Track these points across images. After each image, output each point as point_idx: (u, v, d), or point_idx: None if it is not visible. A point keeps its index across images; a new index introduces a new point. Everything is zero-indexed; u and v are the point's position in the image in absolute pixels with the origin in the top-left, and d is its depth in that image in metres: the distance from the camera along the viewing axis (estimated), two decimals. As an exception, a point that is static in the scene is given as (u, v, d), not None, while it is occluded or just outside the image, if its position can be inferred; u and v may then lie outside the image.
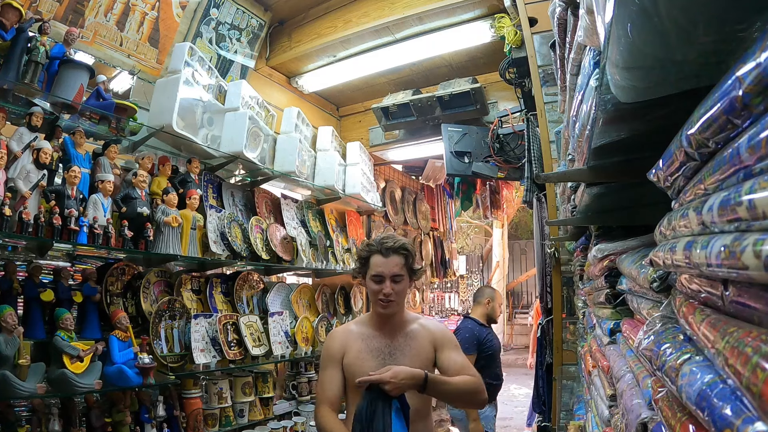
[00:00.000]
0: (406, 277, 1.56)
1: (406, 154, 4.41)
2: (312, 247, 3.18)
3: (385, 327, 1.58)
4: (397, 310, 1.57)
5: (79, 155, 2.03)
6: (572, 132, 1.27)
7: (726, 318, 0.46)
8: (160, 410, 2.12)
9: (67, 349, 1.79)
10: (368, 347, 1.55)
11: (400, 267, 1.53)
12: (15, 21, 1.89)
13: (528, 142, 2.85)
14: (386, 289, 1.51)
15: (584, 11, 0.90)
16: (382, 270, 1.52)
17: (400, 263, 1.54)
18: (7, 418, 1.71)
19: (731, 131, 0.43)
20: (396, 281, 1.53)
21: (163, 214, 2.23)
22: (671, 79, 0.61)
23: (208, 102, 2.59)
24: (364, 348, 1.55)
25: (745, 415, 0.36)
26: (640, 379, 0.84)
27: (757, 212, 0.35)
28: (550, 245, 2.76)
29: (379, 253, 1.54)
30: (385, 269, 1.52)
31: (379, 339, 1.56)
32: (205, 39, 2.99)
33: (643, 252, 1.02)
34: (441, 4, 2.94)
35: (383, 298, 1.52)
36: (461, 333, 2.98)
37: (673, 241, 0.60)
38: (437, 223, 5.96)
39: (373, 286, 1.55)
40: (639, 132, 0.87)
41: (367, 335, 1.58)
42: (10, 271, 1.85)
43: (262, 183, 3.11)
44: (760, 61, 0.35)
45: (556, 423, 2.62)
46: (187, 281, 2.55)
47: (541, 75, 2.69)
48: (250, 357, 2.56)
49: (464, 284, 10.08)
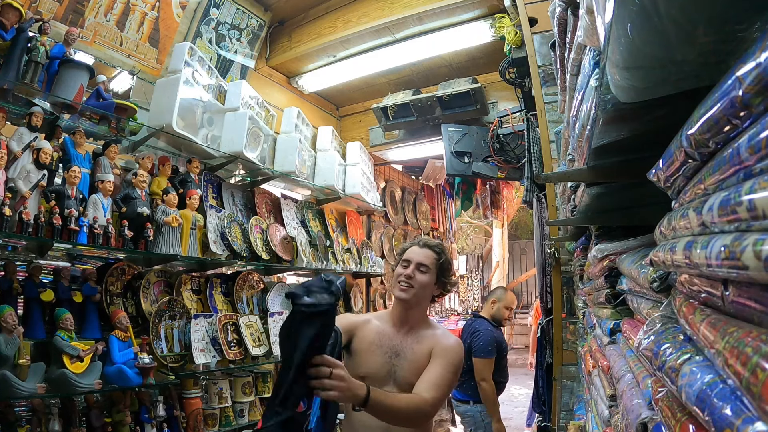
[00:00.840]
0: (434, 273, 1.57)
1: (406, 154, 4.41)
2: (312, 247, 3.18)
3: (401, 326, 1.57)
4: (414, 303, 1.55)
5: (79, 155, 2.03)
6: (572, 132, 1.27)
7: (726, 318, 0.46)
8: (160, 410, 2.12)
9: (67, 349, 1.79)
10: (380, 341, 1.54)
11: (430, 260, 1.56)
12: (15, 21, 1.89)
13: (528, 142, 2.85)
14: (408, 270, 1.53)
15: (584, 11, 0.90)
16: (411, 255, 1.57)
17: (432, 257, 1.57)
18: (7, 418, 1.71)
19: (731, 131, 0.43)
20: (421, 271, 1.55)
21: (163, 214, 2.23)
22: (671, 79, 0.61)
23: (208, 102, 2.59)
24: (375, 341, 1.54)
25: (745, 415, 0.36)
26: (640, 379, 0.84)
27: (757, 212, 0.35)
28: (550, 245, 2.76)
29: (416, 245, 1.61)
30: (414, 255, 1.57)
31: (392, 337, 1.55)
32: (205, 39, 2.99)
33: (643, 252, 1.02)
34: (441, 4, 2.94)
35: (403, 279, 1.53)
36: (482, 336, 2.88)
37: (673, 241, 0.60)
38: (437, 223, 5.96)
39: (399, 270, 1.57)
40: (639, 132, 0.87)
41: (382, 330, 1.56)
42: (10, 271, 1.86)
43: (262, 183, 3.11)
44: (760, 61, 0.35)
45: (556, 423, 2.62)
46: (187, 281, 2.55)
47: (541, 75, 2.69)
48: (250, 357, 2.56)
49: (464, 284, 10.08)
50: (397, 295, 1.55)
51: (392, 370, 1.49)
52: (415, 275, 1.54)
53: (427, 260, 1.56)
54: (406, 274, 1.54)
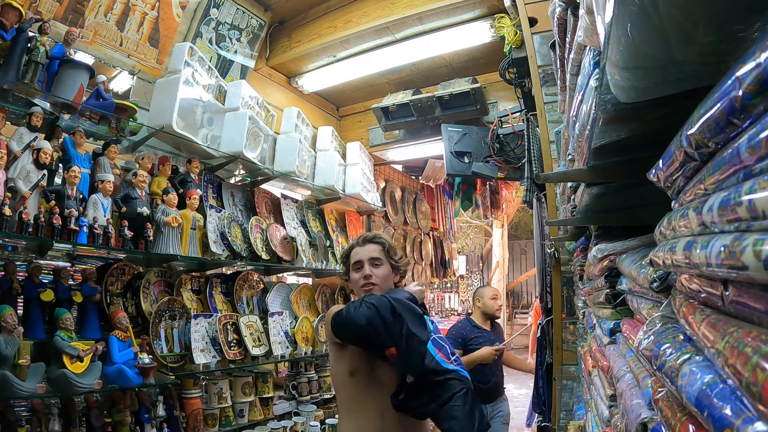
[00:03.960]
0: (386, 263, 1.58)
1: (406, 154, 4.41)
2: (312, 247, 3.18)
3: None
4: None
5: (79, 155, 2.03)
6: (572, 132, 1.27)
7: (726, 318, 0.46)
8: (160, 410, 2.12)
9: (67, 349, 1.79)
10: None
11: (378, 252, 1.58)
12: (15, 21, 1.89)
13: (528, 142, 2.85)
14: (366, 271, 1.54)
15: (584, 11, 0.90)
16: (359, 256, 1.57)
17: (378, 249, 1.59)
18: (7, 418, 1.71)
19: (731, 131, 0.43)
20: (375, 265, 1.56)
21: (163, 214, 2.23)
22: (671, 79, 0.61)
23: (208, 102, 2.59)
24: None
25: (745, 415, 0.36)
26: (640, 379, 0.84)
27: (757, 212, 0.35)
28: (550, 245, 2.76)
29: (356, 245, 1.62)
30: (362, 254, 1.58)
31: None
32: (205, 39, 2.99)
33: (643, 252, 1.02)
34: (441, 4, 2.94)
35: (364, 282, 1.54)
36: (451, 330, 3.13)
37: (673, 241, 0.60)
38: (437, 223, 5.96)
39: (355, 276, 1.57)
40: (639, 132, 0.87)
41: None
42: (10, 271, 1.86)
43: (262, 183, 3.11)
44: (760, 61, 0.35)
45: (556, 423, 2.62)
46: (187, 281, 2.55)
47: (541, 75, 2.69)
48: (250, 357, 2.57)
49: (464, 284, 10.09)
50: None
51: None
52: (372, 272, 1.55)
53: (376, 252, 1.58)
54: (365, 275, 1.55)
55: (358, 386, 1.46)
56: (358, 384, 1.46)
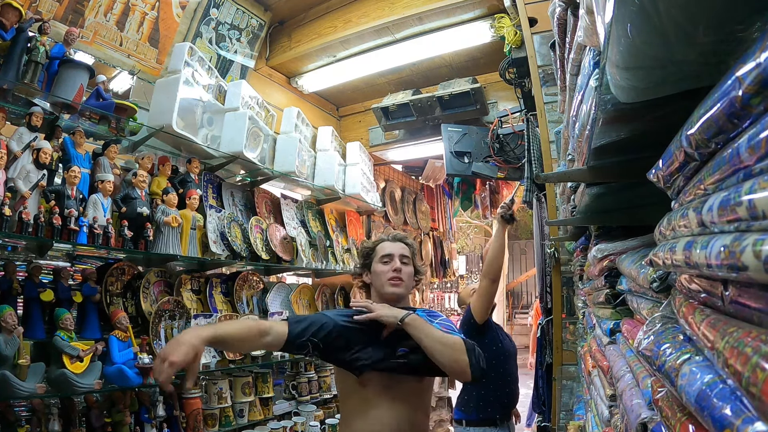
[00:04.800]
0: (412, 264, 1.58)
1: (406, 154, 4.41)
2: (312, 247, 3.18)
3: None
4: (404, 295, 1.55)
5: (79, 155, 2.03)
6: (572, 132, 1.27)
7: (726, 318, 0.46)
8: (160, 410, 2.12)
9: (67, 349, 1.79)
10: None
11: (408, 251, 1.58)
12: (15, 21, 1.89)
13: (528, 142, 2.85)
14: (396, 264, 1.53)
15: (584, 11, 0.90)
16: (391, 250, 1.56)
17: (408, 249, 1.59)
18: (7, 418, 1.71)
19: (731, 131, 0.43)
20: (404, 263, 1.55)
21: (163, 214, 2.23)
22: (671, 79, 0.61)
23: (208, 102, 2.59)
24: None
25: (745, 415, 0.36)
26: (640, 379, 0.84)
27: (757, 212, 0.35)
28: (550, 245, 2.76)
29: (386, 240, 1.61)
30: (393, 249, 1.57)
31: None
32: (205, 39, 2.99)
33: (643, 252, 1.02)
34: (441, 4, 2.94)
35: (393, 274, 1.52)
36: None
37: (672, 242, 0.60)
38: (437, 223, 5.96)
39: (383, 267, 1.55)
40: (639, 132, 0.87)
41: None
42: (10, 271, 1.85)
43: (262, 183, 3.11)
44: (760, 61, 0.35)
45: (556, 423, 2.62)
46: (187, 281, 2.55)
47: (541, 75, 2.69)
48: (249, 357, 2.56)
49: (464, 284, 10.08)
50: (391, 291, 1.53)
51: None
52: (402, 268, 1.54)
53: (406, 251, 1.58)
54: (395, 268, 1.53)
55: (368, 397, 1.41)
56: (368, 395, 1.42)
